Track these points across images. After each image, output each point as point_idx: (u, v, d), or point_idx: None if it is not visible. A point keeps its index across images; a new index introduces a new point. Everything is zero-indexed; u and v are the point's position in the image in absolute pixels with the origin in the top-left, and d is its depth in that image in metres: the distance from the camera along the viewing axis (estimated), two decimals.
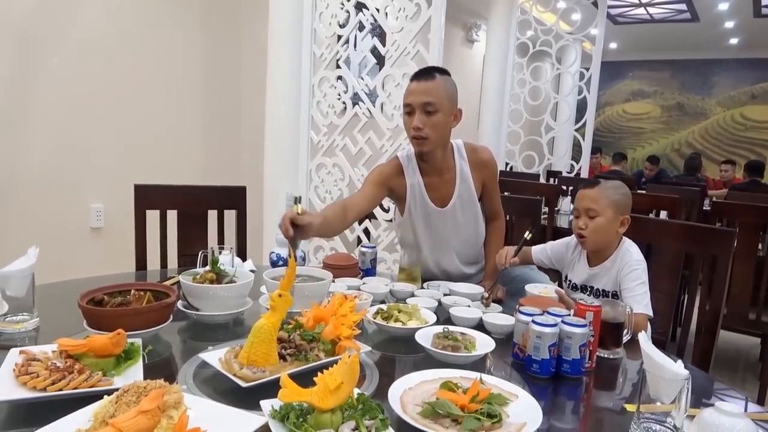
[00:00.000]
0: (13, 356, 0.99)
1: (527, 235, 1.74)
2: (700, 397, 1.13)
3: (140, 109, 3.12)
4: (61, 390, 0.89)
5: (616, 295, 1.65)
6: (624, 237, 1.69)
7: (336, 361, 0.87)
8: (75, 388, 0.90)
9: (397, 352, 1.29)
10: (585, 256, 1.75)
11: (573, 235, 1.78)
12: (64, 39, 2.72)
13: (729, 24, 7.59)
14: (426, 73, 1.71)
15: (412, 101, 1.69)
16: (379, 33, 2.73)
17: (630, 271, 1.60)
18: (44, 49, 2.65)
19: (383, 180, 1.82)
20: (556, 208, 3.74)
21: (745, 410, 1.07)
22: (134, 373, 0.98)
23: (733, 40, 8.51)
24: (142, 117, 3.13)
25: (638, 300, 1.55)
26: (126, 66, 3.02)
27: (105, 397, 0.82)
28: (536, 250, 1.88)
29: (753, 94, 9.20)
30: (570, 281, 1.79)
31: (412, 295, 1.61)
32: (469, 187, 1.85)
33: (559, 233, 3.08)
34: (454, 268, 1.94)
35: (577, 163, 5.35)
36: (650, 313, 1.56)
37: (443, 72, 1.74)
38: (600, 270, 1.69)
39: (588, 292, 1.73)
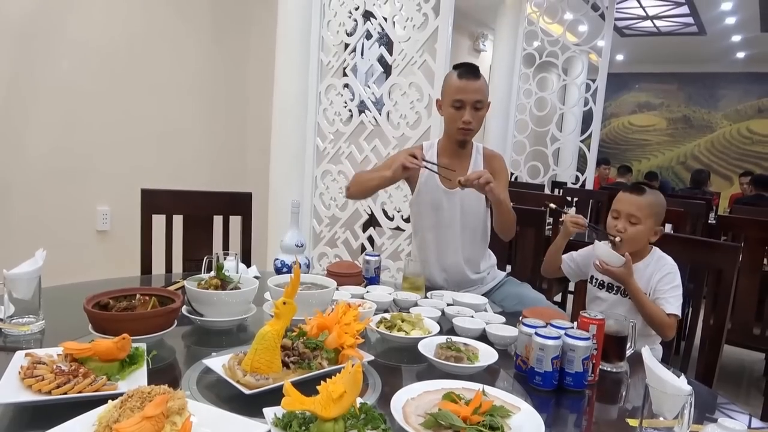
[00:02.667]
0: (19, 359, 1.00)
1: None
2: (704, 412, 1.12)
3: (147, 114, 3.14)
4: (65, 393, 0.90)
5: None
6: (654, 246, 1.74)
7: (339, 370, 0.87)
8: (80, 392, 0.91)
9: (400, 362, 1.29)
10: None
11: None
12: (72, 42, 2.74)
13: (736, 38, 7.60)
14: (474, 72, 1.89)
15: (464, 98, 1.86)
16: (387, 42, 2.75)
17: (666, 273, 1.67)
18: (52, 52, 2.67)
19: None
20: (560, 219, 3.73)
21: (749, 426, 1.06)
22: (138, 377, 0.99)
23: (740, 54, 8.51)
24: (149, 121, 3.16)
25: (672, 302, 1.63)
26: (134, 71, 3.04)
27: (109, 401, 0.83)
28: (563, 258, 1.93)
29: (759, 108, 9.19)
30: (597, 280, 1.80)
31: (416, 304, 1.62)
32: None
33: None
34: (458, 268, 1.96)
35: (583, 174, 5.35)
36: (680, 315, 1.64)
37: (479, 70, 1.94)
38: None
39: (615, 291, 1.74)
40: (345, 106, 2.84)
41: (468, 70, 1.89)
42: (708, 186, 6.57)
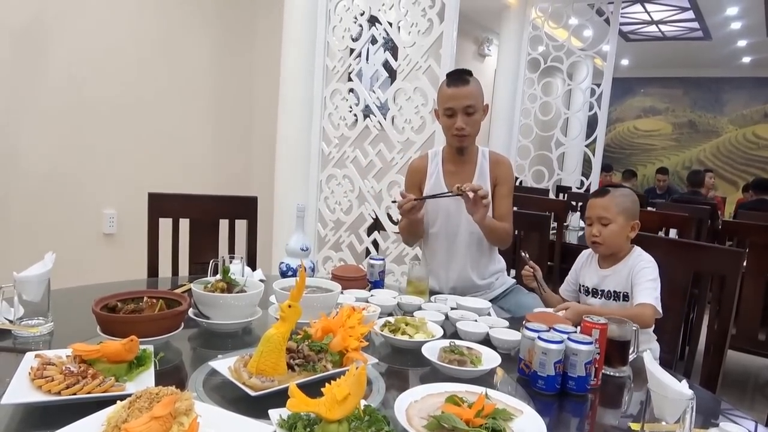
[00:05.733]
0: (29, 360, 1.02)
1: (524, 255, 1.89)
2: (709, 418, 1.12)
3: (154, 118, 3.17)
4: (75, 394, 0.91)
5: (627, 297, 1.69)
6: (635, 245, 1.74)
7: (343, 373, 0.89)
8: (89, 393, 0.92)
9: (404, 365, 1.30)
10: (596, 260, 1.79)
11: (584, 251, 1.82)
12: (78, 46, 2.77)
13: (741, 43, 7.58)
14: (462, 80, 1.89)
15: (454, 105, 1.88)
16: (392, 47, 2.77)
17: (641, 269, 1.67)
18: (58, 56, 2.70)
19: (414, 181, 2.06)
20: (565, 224, 3.74)
21: None
22: (146, 379, 1.00)
23: (746, 59, 8.48)
24: (156, 125, 3.18)
25: (647, 293, 1.61)
26: (141, 75, 3.07)
27: (118, 402, 0.84)
28: (562, 289, 1.93)
29: (766, 112, 9.15)
30: (581, 285, 1.82)
31: (420, 308, 1.63)
32: (485, 181, 1.98)
33: (568, 249, 3.07)
34: (465, 273, 1.98)
35: (587, 178, 5.34)
36: (659, 307, 1.59)
37: (470, 74, 1.93)
38: (611, 272, 1.73)
39: (599, 296, 1.75)
40: (350, 111, 2.86)
41: (456, 78, 1.90)
42: (706, 187, 6.51)
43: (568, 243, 3.42)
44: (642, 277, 1.66)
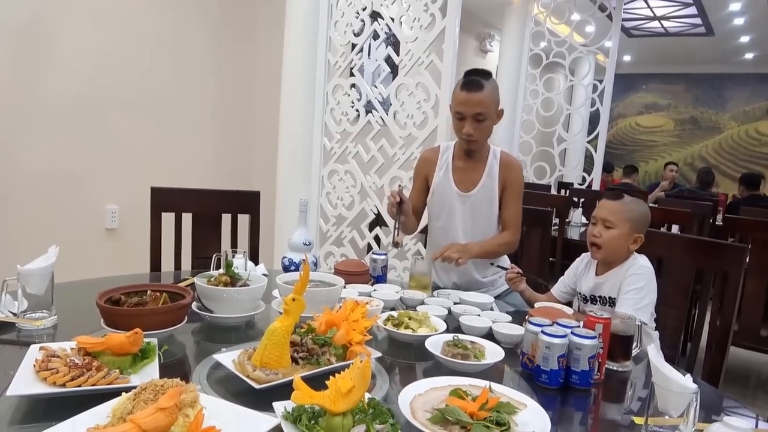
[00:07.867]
0: (34, 352, 1.02)
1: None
2: (710, 413, 1.13)
3: (156, 113, 3.16)
4: (79, 386, 0.92)
5: None
6: (636, 252, 1.71)
7: (347, 366, 0.89)
8: (93, 385, 0.92)
9: (407, 359, 1.30)
10: (594, 266, 1.77)
11: (582, 254, 1.81)
12: (82, 42, 2.77)
13: (744, 38, 7.55)
14: (476, 84, 1.82)
15: (464, 111, 1.83)
16: (394, 42, 2.76)
17: (630, 275, 1.64)
18: (63, 52, 2.70)
19: (422, 171, 2.06)
20: (566, 220, 3.73)
21: (756, 427, 1.07)
22: (150, 371, 1.00)
23: (749, 55, 8.46)
24: (158, 121, 3.18)
25: (626, 303, 1.59)
26: (143, 70, 3.07)
27: (123, 394, 0.84)
28: (555, 289, 1.89)
29: None
30: (579, 293, 1.81)
31: (423, 302, 1.63)
32: (492, 182, 1.95)
33: (569, 245, 3.07)
34: (467, 270, 1.97)
35: (589, 175, 5.34)
36: (644, 317, 1.56)
37: (488, 76, 1.87)
38: (606, 279, 1.71)
39: (597, 302, 1.74)
40: (352, 106, 2.85)
41: (470, 82, 1.83)
42: (714, 187, 6.49)
43: (569, 239, 3.42)
44: (628, 285, 1.61)
